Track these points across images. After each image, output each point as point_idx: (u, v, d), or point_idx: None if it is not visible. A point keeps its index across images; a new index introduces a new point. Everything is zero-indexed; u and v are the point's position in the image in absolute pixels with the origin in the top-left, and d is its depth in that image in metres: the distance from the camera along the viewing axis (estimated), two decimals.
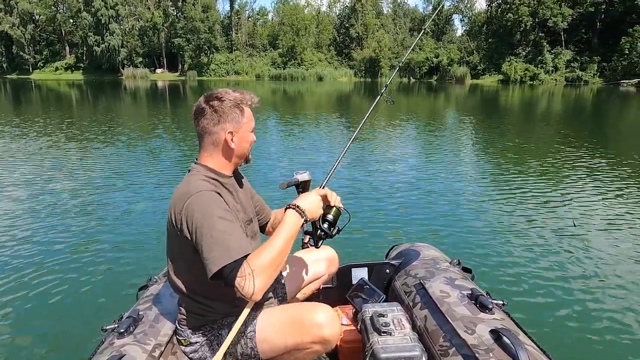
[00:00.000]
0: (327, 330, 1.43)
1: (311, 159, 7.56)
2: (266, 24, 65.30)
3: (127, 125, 12.37)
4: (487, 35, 53.38)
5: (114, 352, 1.38)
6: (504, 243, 3.88)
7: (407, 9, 67.71)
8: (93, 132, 10.61)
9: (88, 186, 5.75)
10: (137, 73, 54.87)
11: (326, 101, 24.33)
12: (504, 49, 49.10)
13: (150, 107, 20.16)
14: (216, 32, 55.58)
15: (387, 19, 63.22)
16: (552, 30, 46.20)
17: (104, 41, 54.83)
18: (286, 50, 56.72)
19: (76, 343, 2.44)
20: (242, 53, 58.27)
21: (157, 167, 7.07)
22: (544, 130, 12.51)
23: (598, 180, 6.12)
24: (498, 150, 8.88)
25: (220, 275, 1.28)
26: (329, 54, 60.13)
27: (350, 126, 12.24)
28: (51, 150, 8.26)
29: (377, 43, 55.63)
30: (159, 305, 1.66)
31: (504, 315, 1.57)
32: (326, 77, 52.61)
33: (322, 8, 67.90)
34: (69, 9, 57.99)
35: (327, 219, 1.55)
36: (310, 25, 59.11)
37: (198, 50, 55.33)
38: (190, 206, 1.35)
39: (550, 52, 46.38)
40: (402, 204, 5.08)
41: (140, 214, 4.70)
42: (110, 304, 2.84)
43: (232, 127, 1.46)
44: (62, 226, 4.28)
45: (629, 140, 10.98)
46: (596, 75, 42.92)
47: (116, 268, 3.40)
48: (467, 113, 17.70)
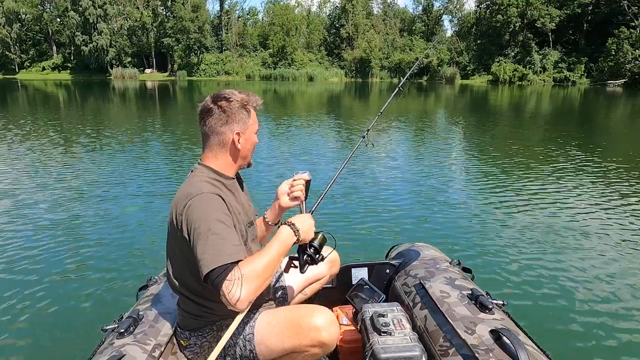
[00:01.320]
0: (326, 334, 1.42)
1: (302, 162, 7.53)
2: (256, 24, 65.13)
3: (121, 125, 12.29)
4: (477, 36, 53.83)
5: (114, 352, 1.38)
6: (504, 243, 3.88)
7: (397, 10, 67.96)
8: (90, 133, 10.52)
9: (87, 186, 5.74)
10: (126, 73, 54.32)
11: (317, 102, 24.31)
12: (493, 49, 49.57)
13: (140, 107, 19.98)
14: (206, 32, 55.24)
15: (377, 20, 63.39)
16: (540, 31, 46.77)
17: (92, 41, 54.22)
18: (277, 51, 56.60)
19: (76, 343, 2.43)
20: (232, 53, 58.01)
21: (156, 167, 7.08)
22: (539, 131, 12.62)
23: (598, 181, 6.12)
24: (498, 150, 8.89)
25: (209, 278, 1.27)
26: (320, 54, 60.14)
27: (341, 130, 12.23)
28: (48, 150, 8.19)
29: (368, 43, 55.78)
30: (159, 306, 1.66)
31: (504, 315, 1.57)
32: (317, 78, 52.57)
33: (312, 8, 67.97)
34: (56, 8, 57.17)
35: (313, 244, 1.54)
36: (300, 26, 59.07)
37: (188, 50, 54.95)
38: (191, 208, 1.34)
39: (538, 53, 46.94)
40: (402, 204, 5.09)
41: (140, 214, 4.71)
42: (110, 304, 2.84)
43: (240, 128, 1.46)
44: (62, 226, 4.26)
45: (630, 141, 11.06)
46: (583, 75, 43.53)
47: (116, 268, 3.39)
48: (460, 113, 17.87)
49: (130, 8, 59.61)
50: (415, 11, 66.28)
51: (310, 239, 1.54)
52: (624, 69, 39.06)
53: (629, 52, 38.42)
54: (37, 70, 57.91)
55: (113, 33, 56.71)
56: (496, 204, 5.11)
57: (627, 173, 6.61)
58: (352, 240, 3.84)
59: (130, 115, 16.29)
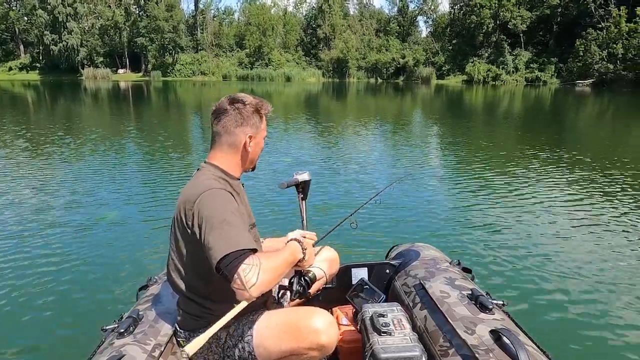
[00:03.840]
0: (324, 337, 1.42)
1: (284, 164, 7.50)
2: (232, 23, 64.49)
3: (120, 126, 12.10)
4: (451, 36, 54.78)
5: (113, 352, 1.38)
6: (505, 243, 3.88)
7: (373, 10, 68.48)
8: (91, 134, 10.40)
9: (87, 187, 5.75)
10: (98, 73, 52.88)
11: (295, 102, 24.25)
12: (467, 50, 50.51)
13: (114, 108, 19.50)
14: (181, 32, 54.34)
15: (353, 20, 63.74)
16: (512, 32, 47.92)
17: (62, 40, 52.60)
18: (253, 51, 56.21)
19: (76, 343, 2.44)
20: (208, 53, 57.28)
21: (155, 167, 7.10)
22: (539, 130, 12.70)
23: (599, 183, 6.12)
24: (498, 151, 8.89)
25: (222, 263, 1.26)
26: (297, 54, 60.05)
27: (325, 131, 12.21)
28: (44, 150, 8.16)
29: (345, 44, 56.02)
30: (159, 306, 1.67)
31: (504, 315, 1.58)
32: (294, 78, 52.45)
33: (288, 8, 67.66)
34: (23, 6, 55.26)
35: (308, 276, 1.59)
36: (277, 26, 58.83)
37: (162, 50, 53.95)
38: (202, 203, 1.36)
39: (510, 54, 48.07)
40: (402, 204, 5.09)
41: (141, 214, 4.71)
42: (110, 304, 2.85)
43: (252, 132, 1.51)
44: (62, 227, 4.26)
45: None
46: (554, 75, 44.77)
47: (116, 268, 3.39)
48: (450, 113, 18.09)
49: (102, 7, 58.01)
50: (391, 12, 66.98)
51: (307, 270, 1.60)
52: (591, 70, 40.35)
53: (597, 53, 39.73)
54: (4, 71, 55.75)
55: (84, 32, 55.13)
56: (497, 204, 5.10)
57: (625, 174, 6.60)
58: (352, 240, 3.83)
59: (103, 116, 15.88)
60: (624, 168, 7.00)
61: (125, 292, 2.94)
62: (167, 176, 6.47)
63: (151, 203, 5.10)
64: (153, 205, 5.01)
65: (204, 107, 20.30)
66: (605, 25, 40.70)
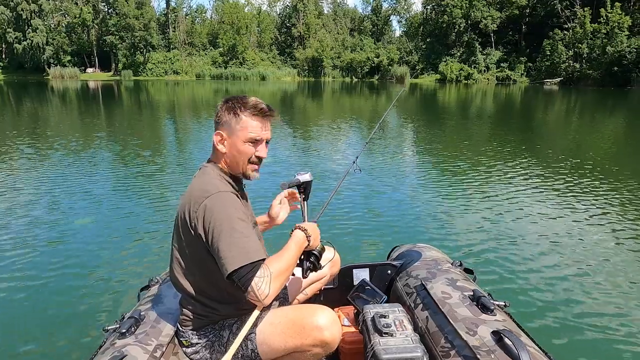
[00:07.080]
0: (328, 334, 1.42)
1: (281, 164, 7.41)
2: (205, 22, 63.67)
3: (118, 128, 11.74)
4: (424, 36, 55.64)
5: (115, 352, 1.37)
6: (506, 244, 3.87)
7: (347, 10, 68.90)
8: (80, 134, 10.06)
9: (86, 187, 5.74)
10: (65, 73, 51.43)
11: (271, 101, 24.10)
12: (440, 49, 51.46)
13: (83, 109, 18.91)
14: (152, 30, 53.25)
15: (328, 19, 63.92)
16: (483, 32, 49.07)
17: (26, 38, 50.84)
18: (227, 50, 55.67)
19: (78, 343, 2.44)
20: (180, 52, 56.36)
21: (155, 167, 6.96)
22: (538, 132, 12.76)
23: (599, 183, 6.10)
24: (498, 151, 8.86)
25: (236, 275, 1.30)
26: (272, 53, 59.81)
27: (305, 132, 12.13)
28: (43, 152, 8.08)
29: (319, 43, 56.14)
30: (160, 306, 1.66)
31: (506, 316, 1.58)
32: (269, 77, 52.28)
33: (262, 7, 67.28)
34: None
35: (314, 252, 1.57)
36: (251, 24, 58.42)
37: (133, 49, 52.74)
38: (209, 206, 1.35)
39: (482, 53, 49.24)
40: (403, 204, 5.08)
41: (141, 215, 4.68)
42: (112, 304, 2.85)
43: (225, 132, 1.47)
44: (63, 227, 4.25)
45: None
46: (523, 74, 46.12)
47: (118, 269, 3.38)
48: (426, 112, 18.28)
49: (68, 3, 56.29)
50: (365, 11, 67.62)
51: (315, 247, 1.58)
52: (559, 69, 41.79)
53: (563, 52, 41.15)
54: None
55: (50, 30, 53.41)
56: (498, 204, 5.08)
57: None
58: (354, 240, 3.83)
59: (73, 117, 15.35)
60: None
61: (126, 292, 2.94)
62: (167, 176, 6.40)
63: (151, 204, 5.08)
64: (154, 206, 4.99)
65: (177, 107, 19.92)
66: (571, 25, 42.20)
